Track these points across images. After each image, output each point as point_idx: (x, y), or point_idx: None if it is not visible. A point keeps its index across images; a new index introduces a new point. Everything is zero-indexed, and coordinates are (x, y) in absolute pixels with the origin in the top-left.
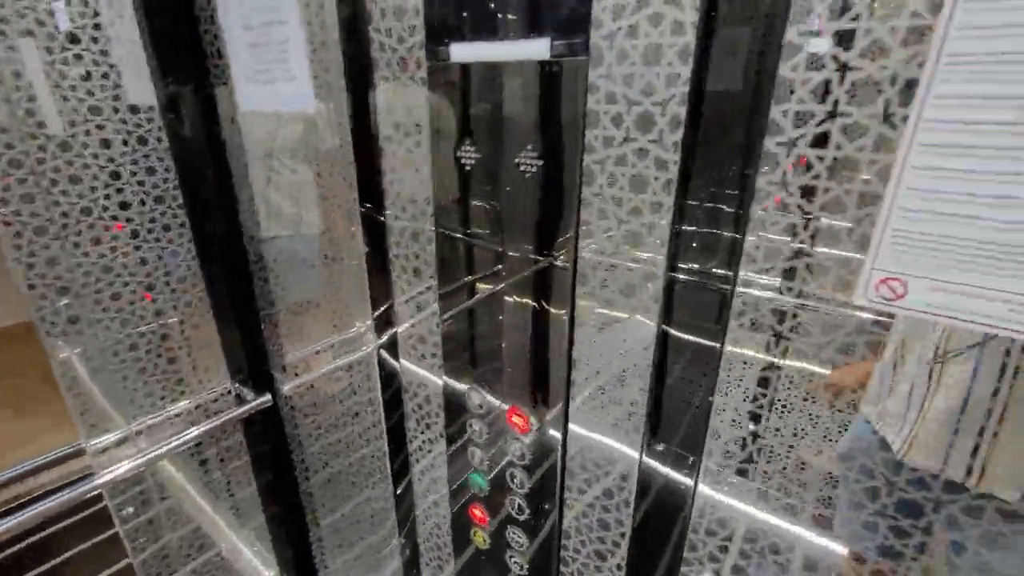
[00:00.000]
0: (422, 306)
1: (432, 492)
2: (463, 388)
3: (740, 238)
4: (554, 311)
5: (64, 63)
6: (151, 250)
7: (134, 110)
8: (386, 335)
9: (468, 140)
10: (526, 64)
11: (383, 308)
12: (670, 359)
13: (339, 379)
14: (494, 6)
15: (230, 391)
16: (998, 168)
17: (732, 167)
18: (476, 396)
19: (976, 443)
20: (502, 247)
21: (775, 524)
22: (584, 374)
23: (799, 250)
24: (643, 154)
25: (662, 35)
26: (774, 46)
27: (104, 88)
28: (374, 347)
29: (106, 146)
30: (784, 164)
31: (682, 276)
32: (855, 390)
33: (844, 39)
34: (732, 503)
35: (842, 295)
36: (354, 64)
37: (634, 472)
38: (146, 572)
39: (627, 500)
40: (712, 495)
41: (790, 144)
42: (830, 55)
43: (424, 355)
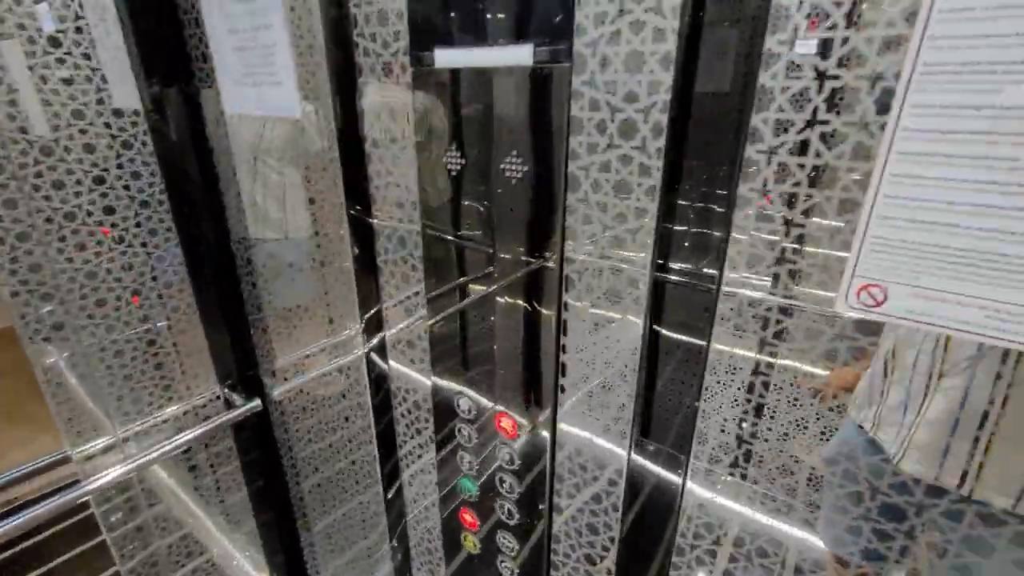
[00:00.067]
0: (410, 310)
1: (423, 497)
2: (452, 393)
3: (724, 243)
4: (541, 316)
5: (46, 67)
6: (137, 255)
7: (118, 114)
8: (375, 339)
9: (453, 145)
10: (510, 70)
11: (371, 312)
12: (656, 363)
13: (329, 383)
14: (478, 13)
15: (219, 396)
16: (974, 177)
17: (714, 173)
18: (465, 401)
19: (971, 451)
20: (489, 252)
21: (764, 526)
22: (572, 379)
23: (782, 255)
24: (627, 160)
25: (644, 42)
26: (754, 54)
27: (87, 92)
28: (363, 351)
29: (90, 150)
30: (765, 171)
31: (669, 279)
32: (836, 395)
33: (824, 48)
34: (721, 505)
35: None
36: (339, 69)
37: (622, 476)
38: None
39: (615, 504)
40: (700, 497)
41: (770, 152)
42: (810, 64)
43: (413, 359)
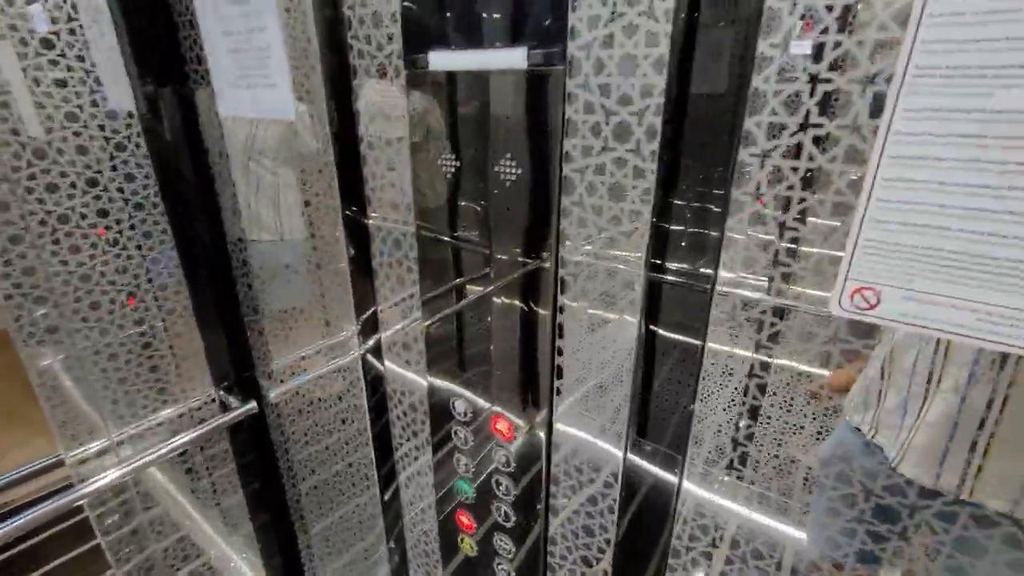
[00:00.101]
0: (406, 312)
1: (419, 499)
2: (447, 395)
3: (718, 246)
4: (536, 319)
5: (39, 68)
6: (131, 258)
7: (112, 116)
8: (371, 341)
9: (448, 148)
10: (504, 73)
11: (367, 314)
12: (651, 365)
13: (325, 385)
14: (472, 15)
15: (215, 399)
16: (966, 180)
17: (708, 176)
18: (461, 403)
19: (969, 455)
20: (484, 254)
21: (760, 528)
22: (567, 382)
23: (776, 258)
24: (621, 163)
25: (637, 46)
26: (748, 57)
27: (81, 94)
28: (359, 353)
29: (84, 152)
30: (758, 175)
31: (666, 279)
32: (832, 397)
33: (816, 51)
34: (717, 507)
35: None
36: (334, 71)
37: (618, 478)
38: None
39: (611, 507)
40: (696, 499)
41: (763, 155)
42: (802, 67)
43: (409, 361)
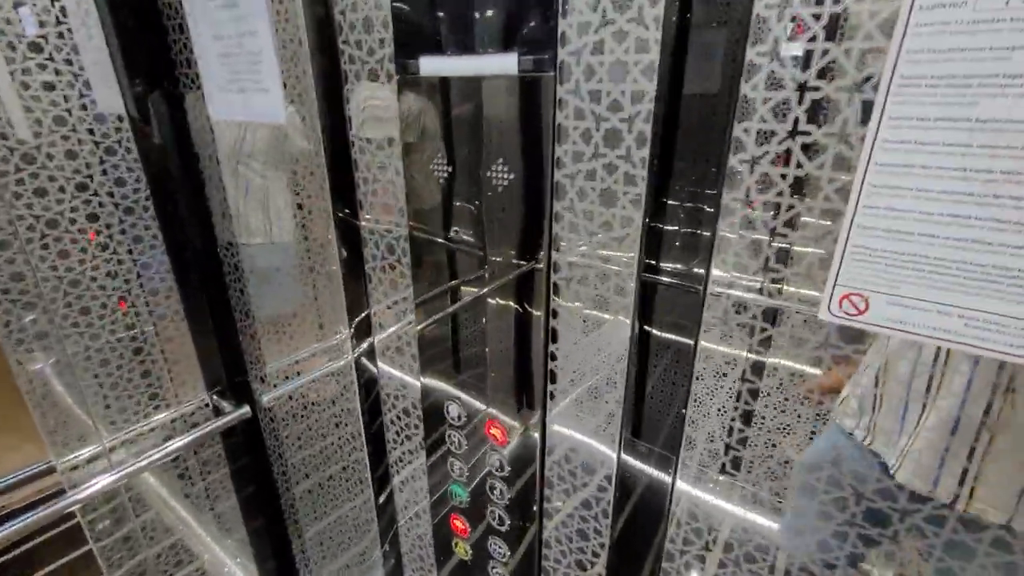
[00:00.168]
0: (399, 315)
1: (413, 503)
2: (441, 398)
3: (709, 251)
4: (529, 323)
5: (27, 71)
6: (122, 262)
7: (101, 119)
8: (364, 344)
9: (440, 153)
10: (495, 79)
11: (360, 317)
12: (643, 369)
13: (318, 389)
14: (463, 21)
15: (207, 403)
16: (951, 188)
17: (698, 182)
18: (454, 407)
19: (967, 463)
20: (478, 258)
21: (753, 530)
22: (561, 386)
23: (766, 264)
24: (612, 169)
25: (627, 52)
26: (737, 65)
27: (69, 98)
28: (352, 357)
29: (73, 156)
30: (747, 180)
31: (660, 280)
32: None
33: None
34: (711, 510)
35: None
36: (325, 76)
37: (612, 482)
38: None
39: (605, 510)
40: (690, 502)
41: (753, 161)
42: (791, 75)
43: (402, 364)
